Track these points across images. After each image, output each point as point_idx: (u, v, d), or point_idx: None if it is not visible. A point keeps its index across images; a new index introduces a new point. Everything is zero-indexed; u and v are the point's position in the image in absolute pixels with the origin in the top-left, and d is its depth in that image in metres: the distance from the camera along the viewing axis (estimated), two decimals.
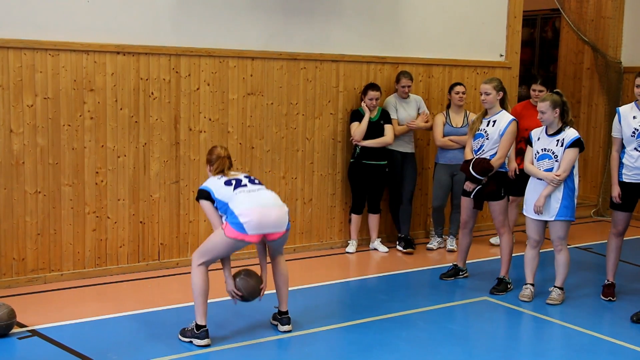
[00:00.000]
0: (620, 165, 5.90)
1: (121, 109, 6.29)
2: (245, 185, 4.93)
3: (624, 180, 5.85)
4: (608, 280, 6.09)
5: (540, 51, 11.96)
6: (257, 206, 4.81)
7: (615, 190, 5.87)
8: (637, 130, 5.75)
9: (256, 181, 5.04)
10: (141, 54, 6.33)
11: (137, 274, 6.40)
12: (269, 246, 5.10)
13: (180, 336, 4.94)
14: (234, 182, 4.93)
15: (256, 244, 5.04)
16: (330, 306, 5.85)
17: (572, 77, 10.24)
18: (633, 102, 5.90)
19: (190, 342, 4.85)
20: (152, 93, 6.42)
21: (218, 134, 6.80)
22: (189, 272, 4.98)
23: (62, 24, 5.99)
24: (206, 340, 4.83)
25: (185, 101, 6.59)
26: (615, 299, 6.00)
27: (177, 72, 6.52)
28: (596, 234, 8.45)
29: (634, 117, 5.79)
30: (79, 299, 5.78)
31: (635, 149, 5.78)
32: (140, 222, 6.49)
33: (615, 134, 5.94)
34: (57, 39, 5.95)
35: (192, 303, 4.89)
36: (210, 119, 6.75)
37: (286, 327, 5.14)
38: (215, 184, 4.96)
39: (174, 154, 6.59)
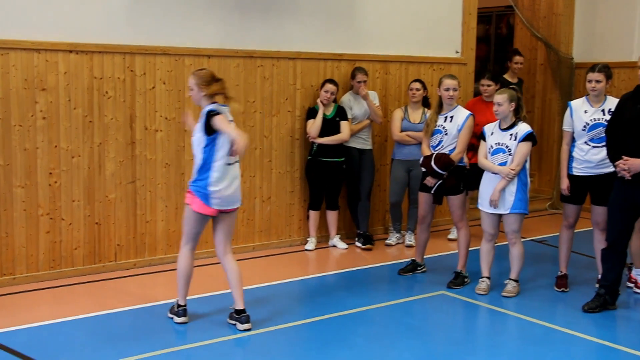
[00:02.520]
0: (571, 158, 6.01)
1: (75, 108, 6.21)
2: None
3: (574, 173, 5.97)
4: (561, 272, 6.22)
5: (495, 47, 12.13)
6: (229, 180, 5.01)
7: (564, 183, 5.99)
8: (588, 124, 5.87)
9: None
10: (95, 52, 6.25)
11: (92, 276, 6.32)
12: (219, 229, 5.12)
13: (168, 312, 5.31)
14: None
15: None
16: (289, 304, 5.85)
17: (526, 73, 10.37)
18: (584, 97, 6.02)
19: (172, 318, 5.24)
20: (107, 92, 6.34)
21: (175, 132, 6.75)
22: (147, 273, 4.97)
23: (12, 21, 5.88)
24: (183, 318, 5.18)
25: (140, 100, 6.52)
26: (568, 289, 6.13)
27: (132, 70, 6.45)
28: (551, 226, 8.61)
29: (585, 112, 5.91)
30: (33, 303, 5.68)
31: (585, 142, 5.90)
32: (96, 223, 6.41)
33: (566, 127, 6.05)
34: (6, 37, 5.84)
35: (149, 304, 4.86)
36: (166, 118, 6.69)
37: (246, 326, 5.13)
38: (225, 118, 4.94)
39: (130, 153, 6.52)
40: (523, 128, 5.83)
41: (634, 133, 5.32)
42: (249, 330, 5.13)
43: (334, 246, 7.52)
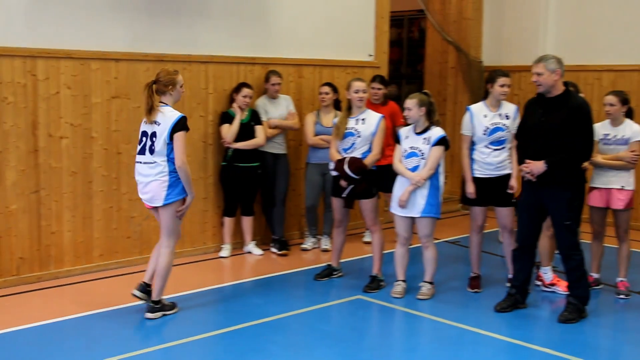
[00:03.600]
0: (472, 161, 6.12)
1: None
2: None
3: (476, 175, 6.09)
4: (474, 273, 6.32)
5: (408, 50, 12.30)
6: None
7: (471, 187, 6.08)
8: (489, 128, 5.98)
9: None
10: None
11: None
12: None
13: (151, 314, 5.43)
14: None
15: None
16: (203, 313, 5.71)
17: (438, 76, 10.58)
18: (482, 102, 6.15)
19: (164, 315, 5.46)
20: (6, 98, 6.04)
21: (81, 139, 6.50)
22: (53, 287, 4.76)
23: None
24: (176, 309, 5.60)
25: (43, 106, 6.24)
26: (480, 290, 6.24)
27: (33, 75, 6.17)
28: (463, 227, 8.74)
29: (485, 116, 6.02)
30: None
31: (486, 146, 6.01)
32: None
33: (465, 132, 6.12)
34: None
35: (60, 319, 4.66)
36: (72, 124, 6.43)
37: (150, 315, 5.39)
38: None
39: (33, 162, 6.23)
40: (436, 132, 5.89)
41: (535, 137, 5.47)
42: (153, 319, 5.37)
43: (249, 252, 7.42)
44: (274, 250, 7.47)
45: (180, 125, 5.24)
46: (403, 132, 6.04)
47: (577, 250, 5.49)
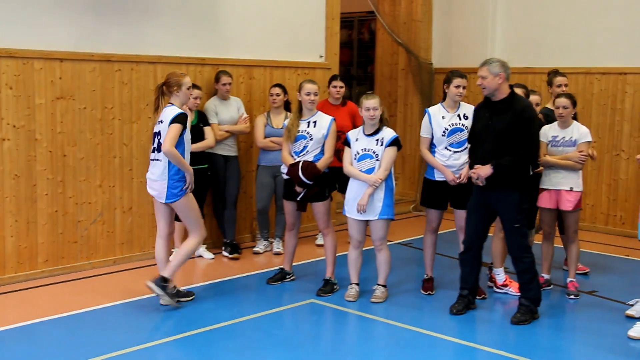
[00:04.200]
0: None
1: None
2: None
3: (436, 179, 6.07)
4: (427, 275, 6.33)
5: (358, 52, 12.31)
6: None
7: (450, 175, 5.93)
8: (447, 129, 6.00)
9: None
10: None
11: None
12: None
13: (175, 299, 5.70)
14: None
15: None
16: (153, 320, 5.57)
17: (388, 78, 10.61)
18: (439, 104, 6.15)
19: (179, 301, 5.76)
20: None
21: (25, 141, 6.28)
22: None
23: None
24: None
25: None
26: (434, 292, 6.24)
27: None
28: (415, 229, 8.79)
29: (443, 117, 6.04)
30: None
31: (446, 147, 6.02)
32: None
33: (425, 134, 6.11)
34: None
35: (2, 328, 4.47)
36: (14, 126, 6.21)
37: (150, 284, 5.68)
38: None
39: None
40: (389, 133, 5.87)
41: (483, 141, 5.50)
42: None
43: (200, 256, 7.29)
44: (225, 253, 7.36)
45: (177, 119, 5.51)
46: (352, 134, 5.98)
47: (527, 252, 5.54)
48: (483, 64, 5.44)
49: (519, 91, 6.02)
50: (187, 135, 5.65)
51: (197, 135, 7.04)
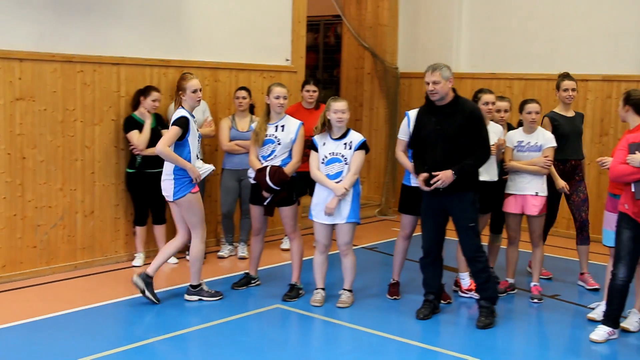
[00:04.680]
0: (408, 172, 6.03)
1: None
2: None
3: (412, 184, 6.00)
4: (393, 280, 6.31)
5: (323, 56, 12.29)
6: None
7: (422, 176, 5.72)
8: None
9: None
10: None
11: None
12: None
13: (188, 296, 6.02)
14: None
15: None
16: (116, 327, 5.48)
17: (354, 82, 10.61)
18: (421, 108, 6.05)
19: (201, 299, 6.01)
20: None
21: None
22: None
23: None
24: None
25: None
26: (400, 297, 6.23)
27: None
28: (380, 233, 8.80)
29: None
30: None
31: None
32: None
33: (402, 136, 5.99)
34: None
35: None
36: None
37: (187, 297, 6.06)
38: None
39: None
40: (356, 137, 5.84)
41: (433, 146, 5.49)
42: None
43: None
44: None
45: (177, 122, 5.70)
46: (318, 139, 5.93)
47: (482, 252, 5.58)
48: (433, 69, 5.41)
49: (490, 97, 6.07)
50: (191, 138, 5.76)
51: (156, 139, 6.89)
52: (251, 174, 6.14)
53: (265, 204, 6.08)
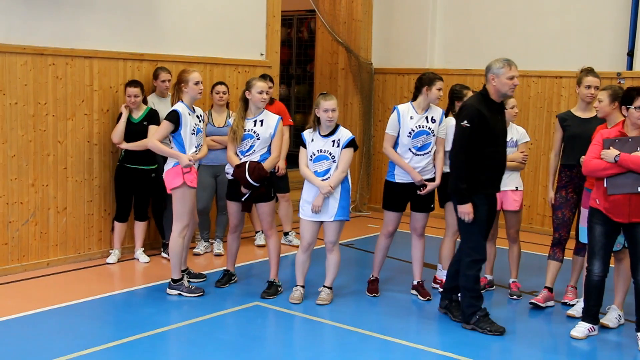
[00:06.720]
0: (393, 166, 6.00)
1: None
2: None
3: (397, 181, 5.97)
4: (373, 276, 6.27)
5: (297, 51, 12.22)
6: None
7: (417, 176, 5.84)
8: (414, 130, 5.87)
9: None
10: None
11: None
12: None
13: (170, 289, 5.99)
14: None
15: None
16: (92, 325, 5.34)
17: (328, 77, 10.55)
18: (409, 103, 6.00)
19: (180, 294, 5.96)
20: None
21: None
22: None
23: None
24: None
25: None
26: (379, 294, 6.20)
27: None
28: (355, 229, 8.76)
29: (411, 117, 5.90)
30: None
31: (409, 149, 5.90)
32: None
33: (391, 131, 5.92)
34: None
35: None
36: None
37: (168, 290, 6.03)
38: None
39: None
40: (345, 134, 5.77)
41: (502, 147, 5.42)
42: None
43: (138, 259, 7.05)
44: (164, 255, 7.14)
45: (167, 116, 5.80)
46: (307, 135, 5.85)
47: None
48: (513, 63, 5.19)
49: (468, 93, 6.05)
50: (185, 132, 5.80)
51: (140, 133, 6.78)
52: (228, 169, 6.05)
53: (243, 200, 6.00)
